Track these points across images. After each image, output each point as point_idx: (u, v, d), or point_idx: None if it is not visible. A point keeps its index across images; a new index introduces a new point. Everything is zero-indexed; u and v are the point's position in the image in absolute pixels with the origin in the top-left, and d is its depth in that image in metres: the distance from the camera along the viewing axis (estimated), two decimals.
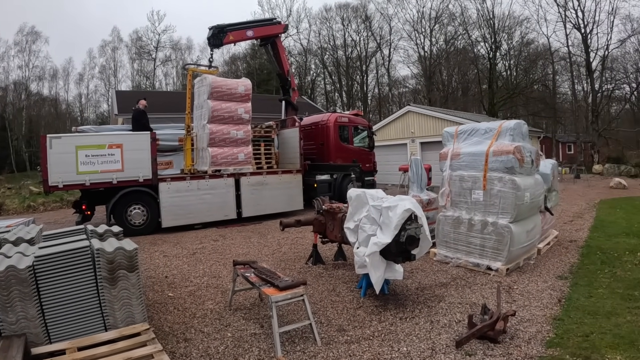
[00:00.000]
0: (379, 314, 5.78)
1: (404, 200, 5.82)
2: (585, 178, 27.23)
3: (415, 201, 5.93)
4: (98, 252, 4.57)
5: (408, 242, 5.62)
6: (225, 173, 13.35)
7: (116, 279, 4.66)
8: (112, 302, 4.59)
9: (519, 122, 8.11)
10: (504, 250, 7.45)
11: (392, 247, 5.62)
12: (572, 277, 7.27)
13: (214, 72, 14.43)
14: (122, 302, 4.66)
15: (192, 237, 11.52)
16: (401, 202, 5.77)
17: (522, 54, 49.60)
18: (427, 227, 5.92)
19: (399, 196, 6.17)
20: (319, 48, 60.01)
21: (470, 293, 6.56)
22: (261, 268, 5.69)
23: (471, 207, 8.05)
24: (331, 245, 8.94)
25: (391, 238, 5.57)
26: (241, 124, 13.65)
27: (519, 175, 7.48)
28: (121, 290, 4.68)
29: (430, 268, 8.01)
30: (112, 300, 4.59)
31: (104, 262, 4.54)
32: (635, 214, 13.59)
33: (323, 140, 17.31)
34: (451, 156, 8.45)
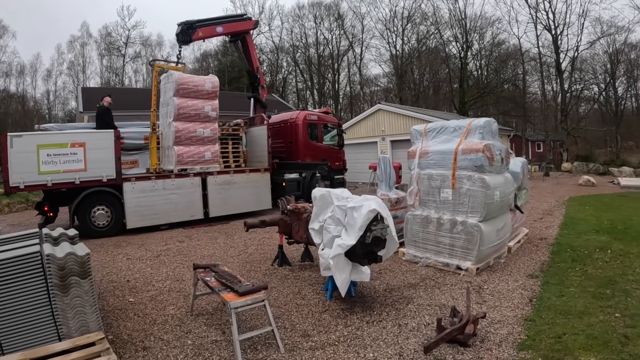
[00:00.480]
0: (345, 317, 5.60)
1: (369, 200, 5.61)
2: (555, 176, 27.65)
3: (381, 201, 5.73)
4: (48, 258, 4.30)
5: (374, 243, 5.45)
6: (192, 172, 13.05)
7: (68, 286, 4.39)
8: (65, 310, 4.36)
9: (489, 120, 8.03)
10: (473, 249, 7.33)
11: (357, 248, 5.45)
12: (543, 275, 7.20)
13: (181, 69, 14.08)
14: (76, 310, 4.43)
15: (158, 239, 11.25)
16: (366, 202, 5.57)
17: (493, 54, 50.26)
18: (393, 228, 5.73)
19: (364, 196, 5.97)
20: (291, 46, 60.03)
21: (440, 294, 6.42)
22: (222, 272, 5.47)
23: (440, 206, 7.92)
24: (298, 246, 8.73)
25: (356, 239, 5.39)
26: (208, 121, 13.34)
27: (488, 174, 7.35)
28: (74, 298, 4.42)
29: (399, 268, 7.86)
30: (65, 309, 4.36)
31: (55, 268, 4.29)
32: (605, 211, 13.71)
33: (292, 138, 17.17)
34: (419, 154, 8.31)
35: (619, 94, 48.11)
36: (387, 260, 7.84)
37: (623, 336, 4.76)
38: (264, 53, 59.23)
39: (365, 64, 59.30)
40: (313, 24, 58.92)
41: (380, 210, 5.54)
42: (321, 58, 59.33)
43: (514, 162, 9.21)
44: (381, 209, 5.56)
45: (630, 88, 48.36)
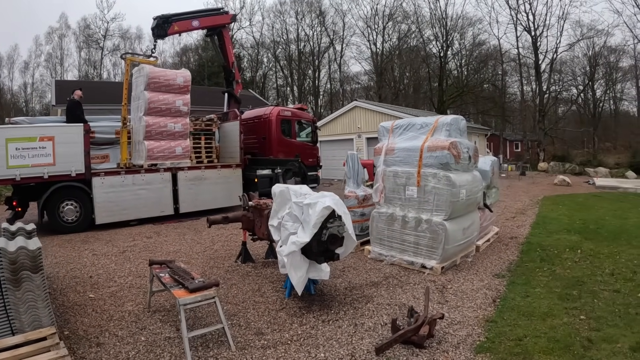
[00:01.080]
0: (301, 316, 5.50)
1: (325, 197, 5.49)
2: (531, 175, 27.82)
3: (337, 198, 5.59)
4: (0, 252, 4.28)
5: (330, 241, 5.33)
6: (162, 167, 12.90)
7: (20, 280, 4.35)
8: (17, 305, 4.34)
9: (456, 118, 7.94)
10: (438, 248, 7.24)
11: (313, 246, 5.32)
12: (510, 275, 7.12)
13: (152, 62, 13.85)
14: (28, 304, 4.40)
15: (126, 234, 11.13)
16: (322, 199, 5.44)
17: (473, 54, 50.48)
18: (350, 225, 5.60)
19: (321, 193, 5.83)
20: (272, 42, 59.64)
21: (402, 293, 6.32)
22: (176, 268, 5.36)
23: (405, 203, 7.81)
24: (264, 243, 8.58)
25: (310, 237, 5.26)
26: (179, 116, 13.20)
27: (454, 172, 7.25)
28: (26, 293, 4.38)
29: (363, 266, 7.75)
30: (17, 303, 4.34)
31: (6, 262, 4.29)
32: (578, 210, 13.74)
33: (265, 134, 16.94)
34: (385, 151, 8.19)
35: (597, 96, 48.99)
36: (352, 258, 8.10)
37: (586, 340, 4.66)
38: (244, 48, 58.93)
39: (346, 62, 59.20)
40: (294, 19, 58.58)
41: (336, 208, 5.37)
42: (302, 54, 59.00)
43: (483, 161, 9.14)
44: (337, 207, 5.40)
45: (608, 90, 49.18)
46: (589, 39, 44.21)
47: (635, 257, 7.88)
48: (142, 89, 12.64)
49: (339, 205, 5.50)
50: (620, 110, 53.33)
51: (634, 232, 10.12)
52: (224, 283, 6.82)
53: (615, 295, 6.00)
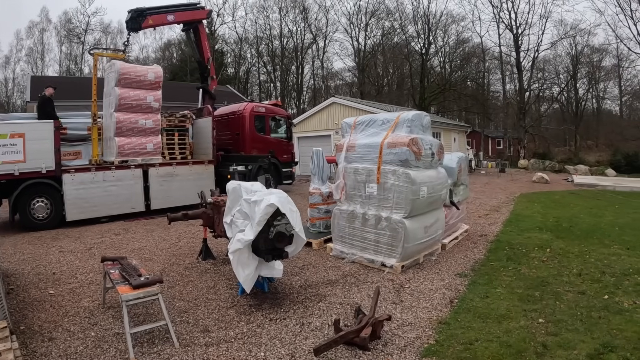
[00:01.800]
0: (250, 314, 5.37)
1: (270, 195, 5.33)
2: (510, 172, 27.66)
3: (285, 196, 5.41)
4: None
5: (277, 239, 5.17)
6: (133, 164, 12.67)
7: None
8: None
9: (419, 114, 7.67)
10: (398, 246, 6.95)
11: (260, 243, 5.19)
12: (473, 274, 6.87)
13: (120, 57, 13.75)
14: None
15: (96, 231, 10.90)
16: (267, 196, 5.27)
17: (456, 52, 50.47)
18: (299, 223, 5.37)
19: (269, 190, 5.76)
20: (255, 37, 59.03)
21: (357, 292, 6.11)
22: (126, 264, 5.30)
23: (365, 201, 7.52)
24: (226, 240, 8.22)
25: (254, 234, 5.12)
26: (150, 112, 12.95)
27: (414, 169, 6.99)
28: None
29: (323, 264, 7.56)
30: None
31: None
32: (553, 208, 13.55)
33: (239, 130, 16.73)
34: (347, 148, 7.90)
35: (580, 95, 49.40)
36: (313, 256, 8.00)
37: (541, 345, 4.37)
38: (227, 44, 58.59)
39: (330, 58, 58.78)
40: (278, 15, 58.06)
41: (280, 206, 5.14)
42: (285, 50, 58.54)
43: (449, 157, 8.83)
44: (282, 204, 5.18)
45: (591, 89, 49.58)
46: (572, 38, 44.85)
47: (606, 256, 7.65)
48: (113, 85, 12.42)
49: (284, 203, 5.25)
50: (603, 109, 53.89)
51: (607, 230, 9.93)
52: (181, 280, 6.72)
53: (580, 297, 5.72)
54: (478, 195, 16.76)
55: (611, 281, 6.30)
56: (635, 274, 6.57)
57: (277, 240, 5.15)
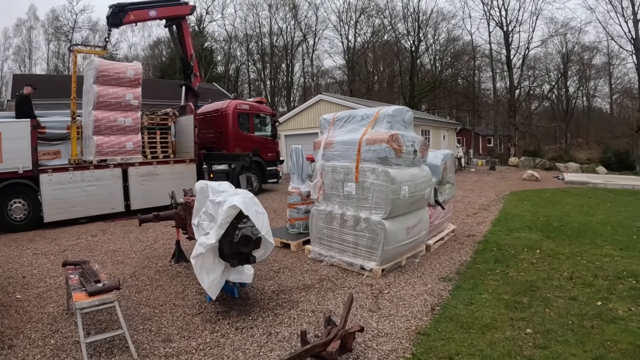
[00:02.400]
0: (216, 322, 5.02)
1: (235, 195, 4.94)
2: (501, 170, 27.30)
3: (251, 197, 5.03)
4: None
5: (242, 243, 4.88)
6: (112, 163, 12.36)
7: None
8: None
9: (400, 109, 7.23)
10: (377, 249, 6.55)
11: (225, 247, 4.87)
12: (458, 278, 6.46)
13: (101, 53, 13.43)
14: None
15: (73, 233, 10.59)
16: (231, 197, 4.89)
17: (447, 50, 50.26)
18: (265, 226, 4.99)
19: (235, 190, 5.39)
20: (245, 35, 58.34)
21: (332, 298, 5.72)
22: (87, 269, 5.02)
23: (344, 201, 7.11)
24: None
25: (216, 238, 4.77)
26: (130, 110, 12.61)
27: (395, 167, 6.54)
28: None
29: (300, 267, 7.16)
30: None
31: None
32: (543, 206, 13.18)
33: (222, 128, 16.43)
34: (324, 145, 7.50)
35: (570, 93, 49.45)
36: (291, 258, 7.62)
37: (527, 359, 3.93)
38: (217, 42, 58.00)
39: (320, 56, 58.46)
40: (267, 13, 57.41)
41: (244, 207, 4.73)
42: (275, 48, 57.99)
43: (434, 155, 8.44)
44: (245, 206, 4.76)
45: (582, 87, 49.59)
46: (563, 36, 44.90)
47: (598, 258, 7.26)
48: (91, 82, 12.11)
49: (249, 204, 4.84)
50: (593, 107, 54.08)
51: (599, 229, 9.56)
52: (150, 284, 6.41)
53: (571, 303, 5.32)
54: (467, 193, 16.41)
55: (604, 285, 5.90)
56: (630, 277, 6.19)
57: (242, 244, 4.85)
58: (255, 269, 6.67)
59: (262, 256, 5.33)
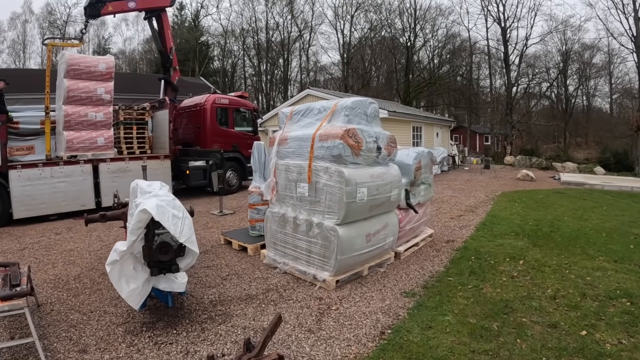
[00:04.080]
0: (138, 333, 4.59)
1: (151, 198, 4.42)
2: (495, 169, 26.41)
3: (169, 200, 4.49)
4: None
5: (160, 250, 4.46)
6: (82, 159, 11.99)
7: None
8: None
9: (361, 100, 6.38)
10: (331, 258, 5.75)
11: (144, 254, 4.51)
12: (423, 293, 5.64)
13: (76, 45, 13.55)
14: None
15: (40, 230, 10.25)
16: (146, 200, 4.40)
17: (445, 46, 49.39)
18: (187, 232, 4.39)
19: (157, 192, 4.82)
20: (241, 30, 57.28)
21: (272, 313, 5.05)
22: (14, 272, 4.70)
23: (297, 203, 6.30)
24: None
25: (127, 245, 4.33)
26: (101, 105, 12.23)
27: (351, 166, 5.74)
28: None
29: (251, 274, 6.50)
30: None
31: None
32: (535, 209, 12.29)
33: (200, 123, 15.80)
34: (279, 141, 6.72)
35: (570, 92, 48.64)
36: (245, 263, 7.01)
37: None
38: (212, 36, 57.23)
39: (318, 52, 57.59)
40: (264, 7, 56.35)
41: (155, 212, 4.17)
42: (272, 43, 57.00)
43: (405, 153, 7.56)
44: (159, 210, 4.20)
45: (581, 86, 48.88)
46: (562, 34, 44.20)
47: (589, 272, 6.37)
48: (62, 76, 11.79)
49: (165, 208, 4.27)
50: (593, 106, 53.14)
51: (592, 237, 8.69)
52: (90, 288, 6.01)
53: (550, 332, 4.45)
54: (456, 193, 15.55)
55: (592, 308, 5.02)
56: (623, 297, 5.31)
57: (160, 252, 4.44)
58: (202, 275, 6.40)
59: (188, 265, 4.80)
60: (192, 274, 6.39)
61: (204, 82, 29.48)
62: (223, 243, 8.36)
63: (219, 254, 7.67)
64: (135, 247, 4.55)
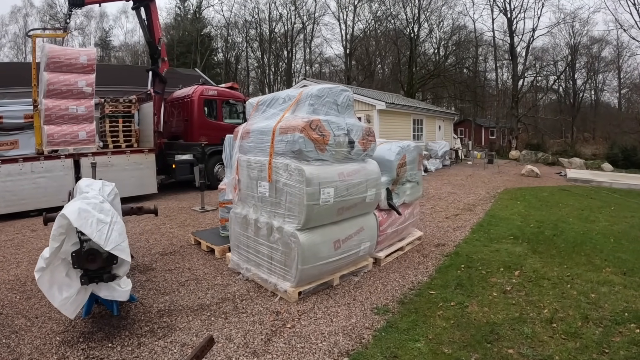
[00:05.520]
0: (73, 345, 4.18)
1: (76, 202, 4.07)
2: (499, 164, 25.53)
3: (96, 203, 4.10)
4: None
5: (87, 258, 4.01)
6: (63, 154, 11.79)
7: None
8: None
9: (330, 88, 5.60)
10: (292, 267, 5.04)
11: (74, 260, 4.04)
12: (398, 310, 4.89)
13: (61, 36, 13.60)
14: None
15: (17, 227, 10.01)
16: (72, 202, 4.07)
17: (451, 37, 48.40)
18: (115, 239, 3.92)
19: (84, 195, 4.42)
20: (244, 21, 56.35)
21: (220, 327, 4.48)
22: None
23: (258, 204, 5.59)
24: None
25: (49, 252, 3.89)
26: (82, 98, 11.97)
27: (315, 163, 5.01)
28: None
29: (211, 280, 5.94)
30: None
31: None
32: (538, 208, 11.49)
33: (187, 116, 15.48)
34: (242, 134, 6.03)
35: (578, 86, 47.53)
36: (209, 267, 6.48)
37: None
38: (215, 28, 56.57)
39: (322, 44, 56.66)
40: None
41: (74, 217, 3.77)
42: (276, 35, 56.10)
43: (387, 147, 6.75)
44: (79, 215, 3.81)
45: (589, 80, 47.84)
46: (570, 27, 43.11)
47: (594, 286, 5.53)
48: (42, 69, 11.62)
49: (89, 212, 3.90)
50: (601, 101, 51.95)
51: (599, 242, 7.84)
52: None
53: None
54: (455, 189, 14.75)
55: (595, 336, 4.19)
56: (632, 321, 4.49)
57: (87, 260, 3.97)
58: (160, 279, 5.88)
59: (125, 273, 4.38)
60: (151, 277, 5.95)
61: (198, 74, 28.84)
62: (193, 243, 7.81)
63: (185, 255, 7.11)
64: (67, 253, 4.09)
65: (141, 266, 6.51)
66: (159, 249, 7.49)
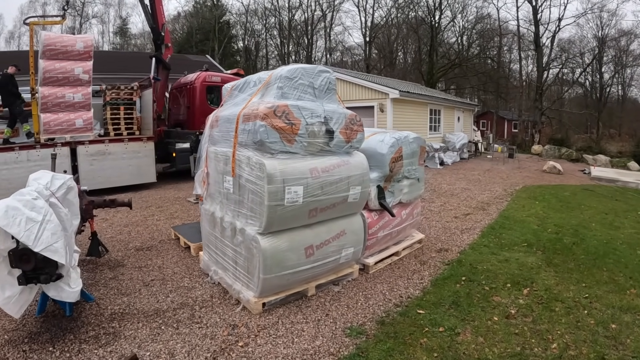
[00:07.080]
0: (16, 345, 3.97)
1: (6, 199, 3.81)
2: (520, 159, 24.48)
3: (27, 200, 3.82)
4: None
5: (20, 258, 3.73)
6: (59, 142, 11.69)
7: None
8: None
9: (305, 68, 4.86)
10: (254, 275, 4.43)
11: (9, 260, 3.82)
12: (374, 332, 4.18)
13: (59, 23, 13.45)
14: None
15: None
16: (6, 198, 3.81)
17: (475, 27, 47.15)
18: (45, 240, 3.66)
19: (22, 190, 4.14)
20: (263, 9, 55.62)
21: (167, 340, 4.04)
22: None
23: (224, 201, 5.03)
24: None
25: None
26: (79, 85, 11.94)
27: (280, 156, 4.30)
28: None
29: (178, 281, 5.53)
30: None
31: None
32: (558, 210, 10.57)
33: (190, 103, 15.27)
34: (211, 123, 5.48)
35: (605, 80, 46.13)
36: (180, 266, 6.07)
37: None
38: (237, 16, 56.19)
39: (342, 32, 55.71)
40: None
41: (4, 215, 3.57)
42: (295, 22, 55.32)
43: (379, 139, 5.95)
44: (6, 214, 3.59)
45: (617, 75, 46.42)
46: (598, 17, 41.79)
47: (615, 314, 4.65)
48: (39, 57, 11.58)
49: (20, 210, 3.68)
50: (629, 96, 50.53)
51: (624, 254, 6.94)
52: None
53: None
54: (470, 185, 13.87)
55: None
56: None
57: (20, 260, 3.72)
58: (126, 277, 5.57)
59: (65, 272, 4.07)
60: (117, 275, 5.64)
61: (209, 60, 28.35)
62: (174, 238, 7.42)
63: (161, 251, 6.71)
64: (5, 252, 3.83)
65: (112, 262, 6.16)
66: (137, 243, 7.11)
